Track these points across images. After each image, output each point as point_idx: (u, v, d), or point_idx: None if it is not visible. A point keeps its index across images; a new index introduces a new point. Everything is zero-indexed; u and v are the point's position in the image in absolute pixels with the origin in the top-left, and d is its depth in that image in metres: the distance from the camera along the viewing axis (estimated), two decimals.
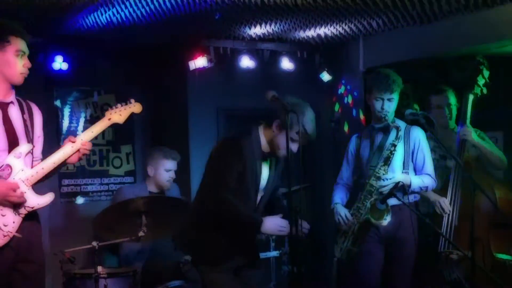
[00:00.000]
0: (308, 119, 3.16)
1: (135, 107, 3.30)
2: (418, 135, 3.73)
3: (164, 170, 4.37)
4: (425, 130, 3.74)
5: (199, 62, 4.99)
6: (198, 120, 5.33)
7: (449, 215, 3.81)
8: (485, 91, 3.97)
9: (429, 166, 3.73)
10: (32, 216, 3.09)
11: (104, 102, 5.52)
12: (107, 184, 5.49)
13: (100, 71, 5.29)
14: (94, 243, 3.65)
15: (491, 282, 3.49)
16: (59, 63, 4.84)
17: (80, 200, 5.33)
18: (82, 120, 5.42)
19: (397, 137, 3.59)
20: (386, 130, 3.70)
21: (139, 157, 5.55)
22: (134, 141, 5.62)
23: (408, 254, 3.64)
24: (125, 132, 5.52)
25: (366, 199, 3.60)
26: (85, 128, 5.39)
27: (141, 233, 3.72)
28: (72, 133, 5.26)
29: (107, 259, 4.31)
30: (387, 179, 3.56)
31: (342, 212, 3.72)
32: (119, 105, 3.24)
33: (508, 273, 3.81)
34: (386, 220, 3.49)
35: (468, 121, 3.95)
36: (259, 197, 3.32)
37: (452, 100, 4.17)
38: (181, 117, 5.40)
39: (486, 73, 3.95)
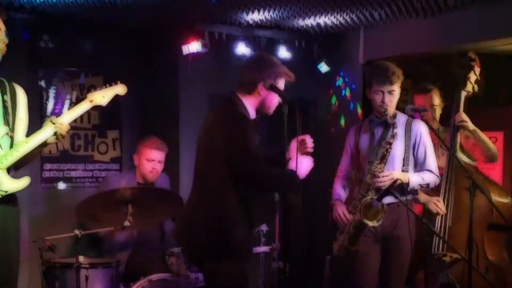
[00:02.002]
0: (282, 68, 3.18)
1: (119, 88, 3.29)
2: (420, 128, 3.74)
3: (146, 160, 4.33)
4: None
5: (193, 46, 4.96)
6: (189, 107, 5.30)
7: (442, 216, 3.83)
8: (476, 88, 3.99)
9: (431, 161, 3.73)
10: (8, 201, 3.07)
11: (91, 85, 5.47)
12: (92, 170, 5.46)
13: (88, 52, 5.25)
14: (77, 232, 3.64)
15: (485, 285, 3.53)
16: (46, 42, 4.79)
17: (62, 185, 5.30)
18: (67, 103, 5.38)
19: (392, 135, 3.60)
20: (386, 125, 3.71)
21: (126, 144, 5.52)
22: (121, 126, 5.59)
23: (405, 253, 3.67)
24: (112, 116, 5.48)
25: (363, 197, 3.61)
26: None
27: (126, 223, 3.71)
28: (57, 115, 5.20)
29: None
30: (383, 177, 3.58)
31: (340, 209, 3.73)
32: (103, 86, 3.22)
33: (502, 276, 3.85)
34: (379, 221, 3.51)
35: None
36: None
37: (436, 100, 4.19)
38: (171, 103, 5.38)
39: (478, 70, 3.96)
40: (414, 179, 3.65)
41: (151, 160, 4.32)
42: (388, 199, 3.55)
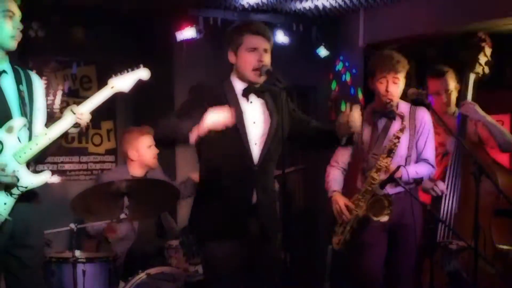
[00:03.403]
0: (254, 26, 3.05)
1: (141, 72, 3.20)
2: (424, 116, 3.71)
3: (147, 147, 4.33)
4: (428, 110, 3.71)
5: (187, 33, 4.94)
6: (185, 95, 5.25)
7: (448, 201, 3.81)
8: (487, 70, 3.93)
9: (429, 151, 3.70)
10: (30, 197, 2.98)
11: (84, 74, 5.46)
12: (86, 162, 5.46)
13: (80, 40, 5.21)
14: (72, 225, 3.63)
15: (493, 273, 3.52)
16: (35, 30, 4.76)
17: (56, 179, 5.29)
18: (59, 93, 5.36)
19: (401, 129, 3.56)
20: (389, 116, 3.67)
21: (121, 135, 5.50)
22: (115, 117, 5.58)
23: (412, 242, 3.65)
24: (106, 107, 5.39)
25: (367, 192, 3.59)
26: (62, 102, 5.35)
27: (123, 215, 3.70)
28: (49, 107, 5.21)
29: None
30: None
31: (341, 202, 3.68)
32: (124, 71, 3.12)
33: (509, 264, 3.84)
34: (386, 216, 3.50)
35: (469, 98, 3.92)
36: (256, 149, 3.03)
37: (452, 84, 4.08)
38: (166, 92, 5.35)
39: (488, 51, 3.90)
40: (409, 172, 3.58)
41: (150, 146, 4.31)
42: (394, 189, 3.53)
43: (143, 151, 4.32)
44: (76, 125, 3.01)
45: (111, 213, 3.72)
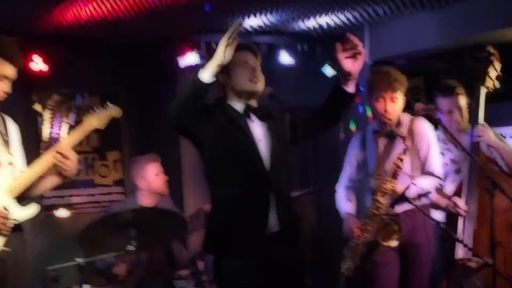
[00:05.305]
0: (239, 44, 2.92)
1: (113, 111, 3.31)
2: (422, 127, 3.67)
3: (155, 175, 4.34)
4: (436, 126, 3.68)
5: (190, 58, 4.97)
6: None
7: (465, 218, 3.77)
8: (497, 84, 3.91)
9: (433, 162, 3.66)
10: (15, 230, 3.08)
11: (89, 106, 5.48)
12: (94, 195, 5.47)
13: (83, 72, 5.27)
14: (79, 260, 3.63)
15: None
16: (38, 64, 4.82)
17: (63, 213, 5.30)
18: (65, 126, 5.40)
19: (404, 151, 3.52)
20: (390, 135, 3.66)
21: (128, 165, 5.53)
22: (122, 146, 5.60)
23: (424, 260, 3.63)
24: (112, 137, 5.50)
25: (374, 216, 3.56)
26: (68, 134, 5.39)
27: (130, 247, 3.69)
28: (55, 140, 5.25)
29: None
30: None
31: (355, 225, 3.67)
32: (96, 109, 3.27)
33: None
34: (396, 242, 3.47)
35: (481, 119, 3.87)
36: (267, 165, 2.96)
37: (462, 100, 4.03)
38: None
39: (498, 65, 3.89)
40: (412, 190, 3.57)
41: (157, 173, 4.33)
42: (404, 207, 3.51)
43: (151, 178, 4.33)
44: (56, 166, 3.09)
45: (118, 245, 3.72)
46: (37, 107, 5.32)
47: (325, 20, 4.91)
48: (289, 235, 2.99)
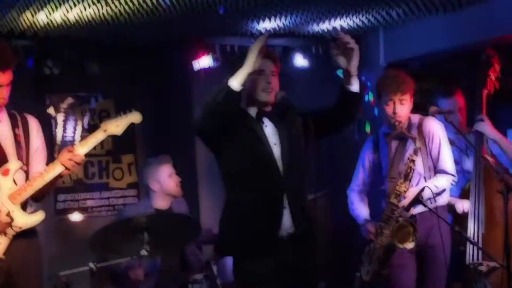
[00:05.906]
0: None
1: (133, 117, 3.32)
2: (432, 126, 3.72)
3: (168, 176, 4.34)
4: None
5: (204, 61, 4.98)
6: None
7: (474, 221, 3.77)
8: (497, 86, 3.93)
9: (445, 160, 3.70)
10: (28, 236, 3.11)
11: (102, 109, 5.53)
12: (108, 198, 5.50)
13: (96, 75, 5.30)
14: (91, 265, 3.64)
15: None
16: (50, 68, 4.85)
17: (77, 216, 5.33)
18: (79, 129, 5.44)
19: (415, 152, 3.56)
20: (401, 137, 3.68)
21: (140, 167, 5.54)
22: (136, 150, 5.62)
23: (440, 262, 3.64)
24: (126, 140, 5.51)
25: (389, 219, 3.57)
26: (82, 138, 5.41)
27: (143, 252, 3.70)
28: (68, 143, 5.28)
29: None
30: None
31: (373, 230, 3.68)
32: (117, 114, 3.29)
33: None
34: (412, 243, 3.47)
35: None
36: (282, 168, 3.00)
37: (461, 101, 4.12)
38: (186, 123, 5.39)
39: (498, 66, 3.92)
40: (427, 191, 3.56)
41: (172, 174, 4.33)
42: (419, 209, 3.51)
43: (164, 180, 4.33)
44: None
45: (131, 250, 3.73)
46: (51, 110, 5.35)
47: (340, 23, 4.90)
48: (304, 238, 3.03)
